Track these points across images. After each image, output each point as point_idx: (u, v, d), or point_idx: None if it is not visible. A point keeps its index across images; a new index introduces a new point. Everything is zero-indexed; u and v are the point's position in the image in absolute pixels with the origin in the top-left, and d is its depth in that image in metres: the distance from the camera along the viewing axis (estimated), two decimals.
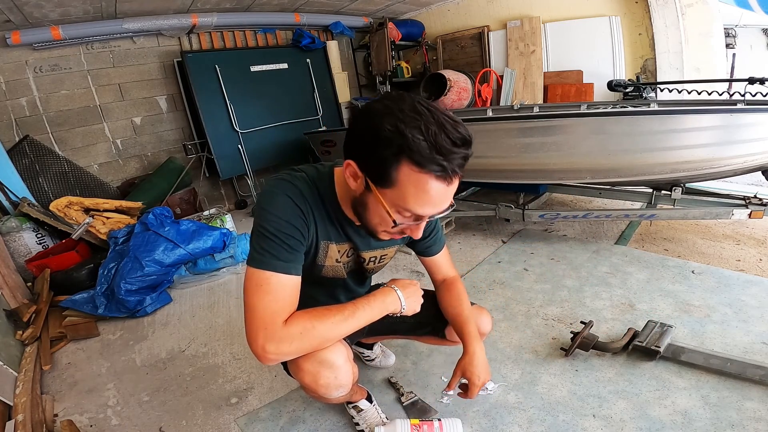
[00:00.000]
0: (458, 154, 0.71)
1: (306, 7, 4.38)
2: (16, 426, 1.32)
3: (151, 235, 2.44)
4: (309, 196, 0.90)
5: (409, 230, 0.85)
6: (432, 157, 0.69)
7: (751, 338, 1.51)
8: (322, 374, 0.94)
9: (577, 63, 4.01)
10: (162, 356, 1.89)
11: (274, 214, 0.84)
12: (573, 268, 2.21)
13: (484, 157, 2.53)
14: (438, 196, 0.74)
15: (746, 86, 2.22)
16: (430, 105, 0.72)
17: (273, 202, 0.85)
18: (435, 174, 0.71)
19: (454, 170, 0.72)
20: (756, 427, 1.14)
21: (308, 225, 0.89)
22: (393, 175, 0.73)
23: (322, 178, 0.93)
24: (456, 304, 1.14)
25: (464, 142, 0.71)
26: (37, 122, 3.41)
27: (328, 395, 1.00)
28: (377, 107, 0.73)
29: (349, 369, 1.00)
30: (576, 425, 1.23)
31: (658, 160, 2.01)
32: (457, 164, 0.71)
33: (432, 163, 0.69)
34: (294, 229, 0.85)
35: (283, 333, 0.81)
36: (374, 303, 0.94)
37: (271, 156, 4.41)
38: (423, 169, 0.70)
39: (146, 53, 3.86)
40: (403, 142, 0.69)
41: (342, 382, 0.98)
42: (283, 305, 0.82)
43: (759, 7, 2.59)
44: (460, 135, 0.71)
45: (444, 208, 0.79)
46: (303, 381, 0.96)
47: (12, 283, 2.26)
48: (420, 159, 0.69)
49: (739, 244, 2.29)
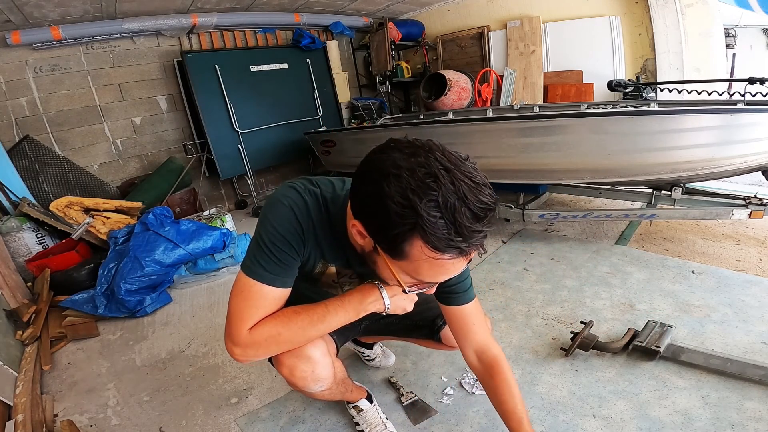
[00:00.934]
0: (481, 234, 0.62)
1: (306, 7, 4.38)
2: (16, 426, 1.32)
3: (151, 235, 2.44)
4: (316, 215, 0.84)
5: (421, 287, 0.79)
6: (450, 239, 0.60)
7: (752, 338, 1.51)
8: (298, 367, 0.93)
9: (577, 63, 4.01)
10: (162, 356, 1.89)
11: (273, 225, 0.82)
12: (573, 268, 2.21)
13: (484, 157, 2.53)
14: (454, 269, 0.68)
15: (746, 86, 2.22)
16: (450, 160, 0.62)
17: (275, 212, 0.83)
18: (453, 255, 0.63)
19: (473, 247, 0.63)
20: (756, 427, 1.14)
21: (305, 244, 0.85)
22: (405, 250, 0.65)
23: (336, 201, 0.85)
24: (507, 398, 0.97)
25: (488, 211, 0.62)
26: (37, 122, 3.41)
27: (306, 389, 0.99)
28: (385, 164, 0.63)
29: (328, 363, 0.98)
30: (576, 425, 1.23)
31: (658, 160, 2.01)
32: (478, 243, 0.63)
33: (450, 246, 0.61)
34: (288, 245, 0.82)
35: (248, 339, 0.81)
36: (349, 304, 0.86)
37: (271, 156, 4.41)
38: (439, 252, 0.62)
39: (146, 53, 3.86)
40: (416, 220, 0.60)
41: (320, 376, 0.97)
42: (256, 313, 0.82)
43: (759, 7, 2.59)
44: (484, 205, 0.61)
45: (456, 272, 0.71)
46: (281, 373, 0.96)
47: (12, 283, 2.26)
48: (437, 242, 0.61)
49: (739, 244, 2.29)
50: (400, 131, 2.96)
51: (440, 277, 0.70)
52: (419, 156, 0.62)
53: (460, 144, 2.60)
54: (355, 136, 3.30)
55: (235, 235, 2.86)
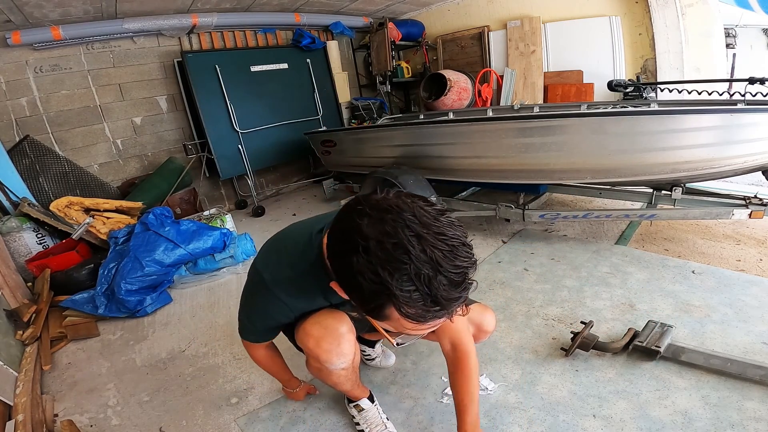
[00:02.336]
0: (458, 299, 0.60)
1: (306, 7, 4.38)
2: (17, 426, 1.32)
3: (151, 235, 2.44)
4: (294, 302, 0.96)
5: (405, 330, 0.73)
6: (427, 309, 0.59)
7: (752, 338, 1.51)
8: (325, 339, 1.00)
9: (577, 63, 4.01)
10: (162, 356, 1.89)
11: (252, 309, 1.01)
12: (573, 268, 2.21)
13: (484, 157, 2.53)
14: (438, 324, 0.67)
15: (746, 86, 2.23)
16: (421, 221, 0.58)
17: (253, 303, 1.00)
18: (431, 319, 0.62)
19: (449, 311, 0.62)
20: (756, 427, 1.14)
21: (293, 314, 1.00)
22: (386, 314, 0.64)
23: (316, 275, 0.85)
24: (464, 387, 1.06)
25: (465, 275, 0.60)
26: (37, 122, 3.41)
27: (330, 362, 1.03)
28: (353, 235, 0.60)
29: (352, 339, 1.05)
30: (576, 425, 1.23)
31: (658, 160, 2.01)
32: (456, 305, 0.62)
33: (428, 314, 0.60)
34: (275, 321, 1.01)
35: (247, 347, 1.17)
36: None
37: (271, 156, 4.41)
38: (417, 321, 0.62)
39: (146, 53, 3.86)
40: (390, 294, 0.58)
41: (344, 350, 1.03)
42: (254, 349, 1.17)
43: (759, 7, 2.59)
44: (460, 270, 0.59)
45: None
46: (307, 345, 1.02)
47: (12, 283, 2.26)
48: (414, 314, 0.60)
49: (740, 244, 2.29)
50: (400, 131, 2.96)
51: (424, 332, 0.70)
52: (386, 223, 0.58)
53: (460, 144, 2.60)
54: (355, 136, 3.30)
55: (235, 235, 2.86)
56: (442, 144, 2.66)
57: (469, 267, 0.60)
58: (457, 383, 1.09)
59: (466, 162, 2.63)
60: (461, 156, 2.62)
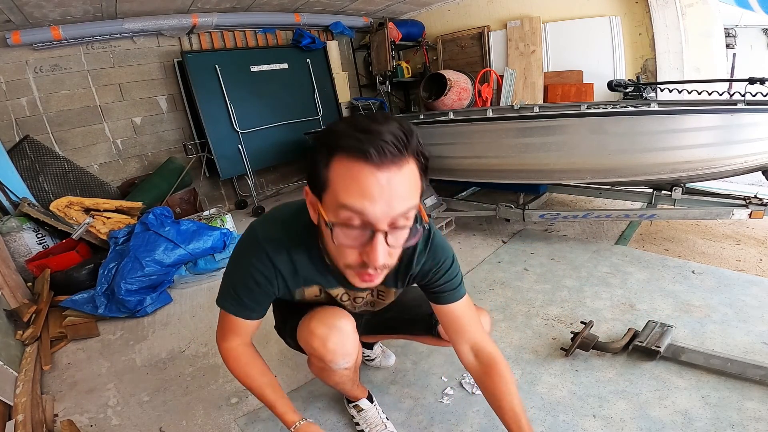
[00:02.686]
0: (385, 134, 0.62)
1: (306, 7, 4.38)
2: (17, 426, 1.32)
3: (151, 235, 2.44)
4: (282, 261, 0.87)
5: (366, 255, 0.70)
6: (355, 135, 0.62)
7: (752, 338, 1.51)
8: (331, 338, 0.98)
9: (577, 63, 4.01)
10: (162, 356, 1.89)
11: (236, 272, 0.91)
12: (573, 268, 2.21)
13: (484, 157, 2.53)
14: (369, 185, 0.63)
15: (746, 86, 2.23)
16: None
17: (238, 263, 0.91)
18: (358, 156, 0.62)
19: (383, 148, 0.61)
20: (756, 427, 1.14)
21: (274, 285, 0.91)
22: (326, 175, 0.66)
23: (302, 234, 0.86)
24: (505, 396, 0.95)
25: (390, 121, 0.65)
26: (37, 122, 3.41)
27: (334, 362, 1.01)
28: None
29: (356, 339, 1.04)
30: (576, 425, 1.23)
31: (658, 160, 2.01)
32: (387, 145, 0.62)
33: (355, 141, 0.62)
34: (249, 291, 0.90)
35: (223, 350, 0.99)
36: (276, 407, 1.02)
37: (271, 156, 4.41)
38: (349, 154, 0.63)
39: (146, 53, 3.86)
40: (331, 138, 0.66)
41: (348, 350, 1.02)
42: (228, 335, 0.97)
43: (759, 7, 2.59)
44: (392, 121, 0.65)
45: (392, 207, 0.65)
46: (312, 344, 1.00)
47: (12, 283, 2.26)
48: (345, 143, 0.63)
49: (740, 244, 2.29)
50: None
51: (357, 197, 0.64)
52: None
53: (460, 144, 2.60)
54: None
55: (236, 235, 2.86)
56: (442, 144, 2.66)
57: (402, 124, 0.66)
58: (495, 391, 0.96)
59: (466, 162, 2.63)
60: (461, 156, 2.62)
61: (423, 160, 0.69)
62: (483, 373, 0.99)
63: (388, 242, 0.68)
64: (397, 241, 0.70)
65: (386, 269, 0.77)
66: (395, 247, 0.72)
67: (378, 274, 0.76)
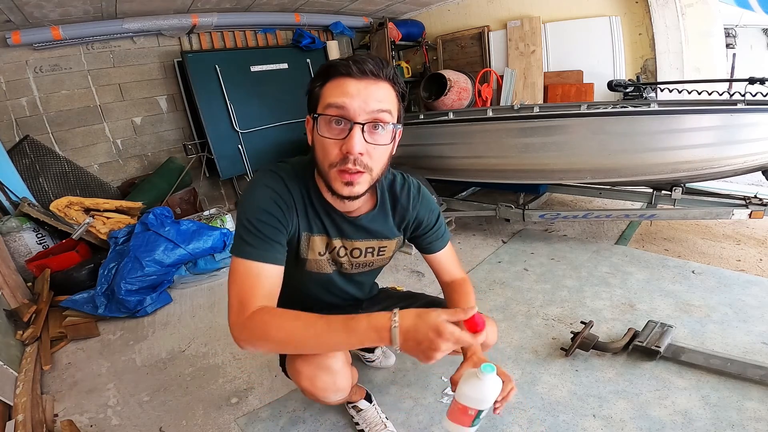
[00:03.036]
0: (366, 60, 0.79)
1: (306, 7, 4.37)
2: (17, 426, 1.32)
3: (151, 235, 2.43)
4: (293, 186, 0.90)
5: (345, 145, 0.79)
6: (343, 62, 0.79)
7: (752, 338, 1.51)
8: (319, 378, 0.94)
9: (577, 63, 4.01)
10: (162, 356, 1.89)
11: (251, 202, 0.86)
12: (573, 268, 2.21)
13: (484, 157, 2.53)
14: (349, 87, 0.78)
15: (746, 86, 2.22)
16: None
17: (252, 191, 0.88)
18: (343, 72, 0.79)
19: (361, 66, 0.77)
20: (756, 427, 1.14)
21: (289, 213, 0.89)
22: (320, 93, 0.82)
23: (306, 168, 0.93)
24: (466, 301, 1.07)
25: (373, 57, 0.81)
26: (37, 122, 3.40)
27: (326, 399, 1.00)
28: None
29: (347, 373, 0.99)
30: (576, 425, 1.23)
31: (658, 160, 2.01)
32: (365, 65, 0.78)
33: (338, 64, 0.79)
34: (270, 216, 0.85)
35: (245, 321, 0.79)
36: (353, 326, 0.75)
37: (271, 156, 4.40)
38: (336, 75, 0.79)
39: (146, 53, 3.85)
40: (326, 67, 0.82)
41: (340, 386, 0.98)
42: (251, 293, 0.81)
43: (759, 7, 2.59)
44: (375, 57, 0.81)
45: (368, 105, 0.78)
46: (300, 384, 0.96)
47: (12, 283, 2.26)
48: (335, 68, 0.80)
49: (740, 244, 2.29)
50: None
51: (339, 96, 0.78)
52: None
53: (460, 144, 2.60)
54: None
55: None
56: (442, 144, 2.66)
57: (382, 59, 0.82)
58: (453, 300, 1.08)
59: (466, 162, 2.63)
60: (461, 156, 2.62)
61: (398, 87, 0.84)
62: (450, 292, 1.12)
63: (366, 138, 0.80)
64: (375, 139, 0.81)
65: (365, 173, 0.83)
66: (372, 145, 0.81)
67: (359, 174, 0.81)
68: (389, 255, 1.10)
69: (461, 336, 0.68)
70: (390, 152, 0.87)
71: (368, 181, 0.84)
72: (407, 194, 1.04)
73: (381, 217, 1.01)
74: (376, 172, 0.85)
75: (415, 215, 1.05)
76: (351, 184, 0.82)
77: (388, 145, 0.85)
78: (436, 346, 0.68)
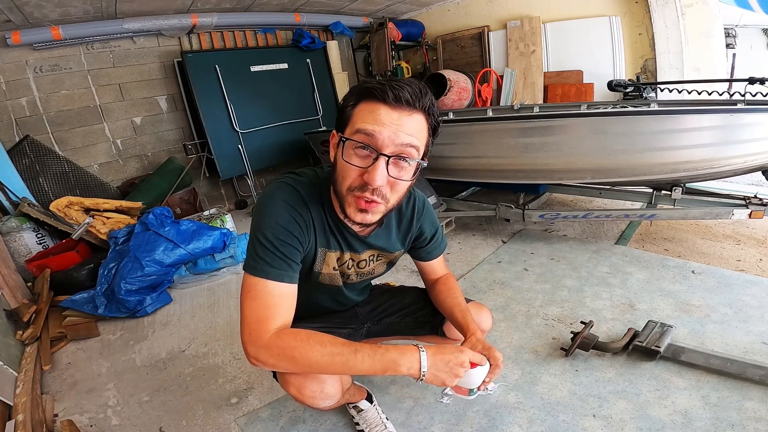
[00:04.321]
0: (406, 85, 0.77)
1: (306, 7, 4.38)
2: (16, 426, 1.32)
3: (151, 235, 2.43)
4: (311, 202, 0.89)
5: (367, 174, 0.78)
6: (376, 84, 0.77)
7: (752, 338, 1.51)
8: (307, 387, 0.94)
9: (577, 63, 4.01)
10: (162, 356, 1.89)
11: (270, 219, 0.84)
12: (573, 268, 2.21)
13: (484, 157, 2.53)
14: (382, 116, 0.76)
15: (746, 86, 2.23)
16: None
17: (271, 207, 0.85)
18: (379, 99, 0.76)
19: (398, 94, 0.75)
20: (756, 427, 1.14)
21: (307, 232, 0.89)
22: (351, 113, 0.80)
23: (322, 184, 0.92)
24: (453, 295, 1.12)
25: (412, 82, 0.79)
26: (37, 122, 3.41)
27: (315, 405, 1.00)
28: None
29: (335, 380, 0.99)
30: (576, 425, 1.23)
31: (658, 160, 2.01)
32: (402, 92, 0.76)
33: (375, 87, 0.77)
34: (290, 236, 0.84)
35: (266, 342, 0.79)
36: (380, 357, 0.80)
37: (271, 156, 4.41)
38: (371, 98, 0.77)
39: (146, 53, 3.86)
40: (362, 87, 0.80)
41: (329, 394, 0.97)
42: (269, 312, 0.81)
43: (759, 7, 2.58)
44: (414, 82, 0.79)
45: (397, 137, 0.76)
46: (289, 392, 0.96)
47: (12, 283, 2.26)
48: (371, 90, 0.77)
49: (740, 244, 2.29)
50: None
51: (370, 122, 0.76)
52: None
53: (460, 144, 2.60)
54: None
55: (235, 235, 2.86)
56: (442, 144, 2.66)
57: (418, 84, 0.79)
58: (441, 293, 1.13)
59: (466, 162, 2.63)
60: (461, 156, 2.62)
61: (432, 119, 0.82)
62: (437, 286, 1.17)
63: (389, 171, 0.78)
64: (398, 173, 0.80)
65: (381, 204, 0.83)
66: (395, 180, 0.80)
67: (374, 204, 0.82)
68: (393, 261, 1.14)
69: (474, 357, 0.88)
70: (410, 186, 0.86)
71: (383, 211, 0.85)
72: (412, 209, 1.06)
73: (386, 234, 1.04)
74: (392, 203, 0.85)
75: (418, 228, 1.09)
76: (365, 212, 0.83)
77: (410, 180, 0.83)
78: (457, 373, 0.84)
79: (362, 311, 1.27)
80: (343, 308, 1.22)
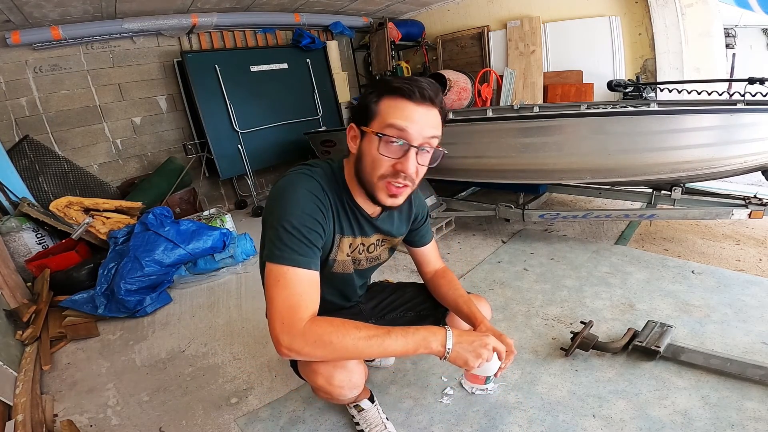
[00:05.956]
0: (425, 83, 0.85)
1: (306, 7, 4.38)
2: (16, 426, 1.32)
3: (151, 235, 2.43)
4: (330, 189, 0.95)
5: (400, 164, 0.87)
6: (401, 84, 0.85)
7: (751, 338, 1.51)
8: (336, 376, 0.97)
9: (577, 63, 4.01)
10: (162, 356, 1.88)
11: (294, 207, 0.87)
12: (573, 268, 2.21)
13: (484, 157, 2.53)
14: (412, 113, 0.85)
15: (746, 86, 2.22)
16: None
17: (294, 196, 0.89)
18: (405, 95, 0.84)
19: (423, 92, 0.84)
20: (756, 427, 1.14)
21: (329, 219, 0.94)
22: (376, 109, 0.87)
23: (336, 172, 0.98)
24: (455, 287, 1.18)
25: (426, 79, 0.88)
26: (37, 122, 3.41)
27: (342, 396, 1.02)
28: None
29: (361, 370, 1.03)
30: (576, 425, 1.23)
31: (657, 160, 2.01)
32: (425, 91, 0.84)
33: (402, 86, 0.84)
34: (315, 222, 0.89)
35: (302, 330, 0.80)
36: (412, 335, 0.86)
37: (271, 156, 4.41)
38: (396, 94, 0.85)
39: (146, 53, 3.85)
40: (381, 85, 0.87)
41: (356, 383, 1.02)
42: (301, 300, 0.83)
43: (759, 7, 2.59)
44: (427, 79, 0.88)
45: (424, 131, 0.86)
46: (316, 383, 0.98)
47: (12, 283, 2.26)
48: (393, 88, 0.85)
49: (739, 244, 2.29)
50: None
51: (401, 119, 0.84)
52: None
53: (460, 144, 2.60)
54: None
55: (235, 235, 2.86)
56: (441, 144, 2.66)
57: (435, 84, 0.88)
58: (442, 287, 1.20)
59: (466, 162, 2.63)
60: (461, 156, 2.62)
61: (444, 111, 0.91)
62: (437, 279, 1.23)
63: (417, 159, 0.88)
64: (423, 160, 0.90)
65: (409, 187, 0.93)
66: (420, 166, 0.90)
67: (404, 188, 0.91)
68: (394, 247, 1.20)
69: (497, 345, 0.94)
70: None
71: (408, 193, 0.95)
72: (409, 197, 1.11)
73: (390, 218, 1.11)
74: (415, 186, 0.96)
75: (414, 211, 1.17)
76: (395, 196, 0.92)
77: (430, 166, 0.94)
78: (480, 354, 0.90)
79: (366, 307, 1.30)
80: (349, 304, 1.25)
